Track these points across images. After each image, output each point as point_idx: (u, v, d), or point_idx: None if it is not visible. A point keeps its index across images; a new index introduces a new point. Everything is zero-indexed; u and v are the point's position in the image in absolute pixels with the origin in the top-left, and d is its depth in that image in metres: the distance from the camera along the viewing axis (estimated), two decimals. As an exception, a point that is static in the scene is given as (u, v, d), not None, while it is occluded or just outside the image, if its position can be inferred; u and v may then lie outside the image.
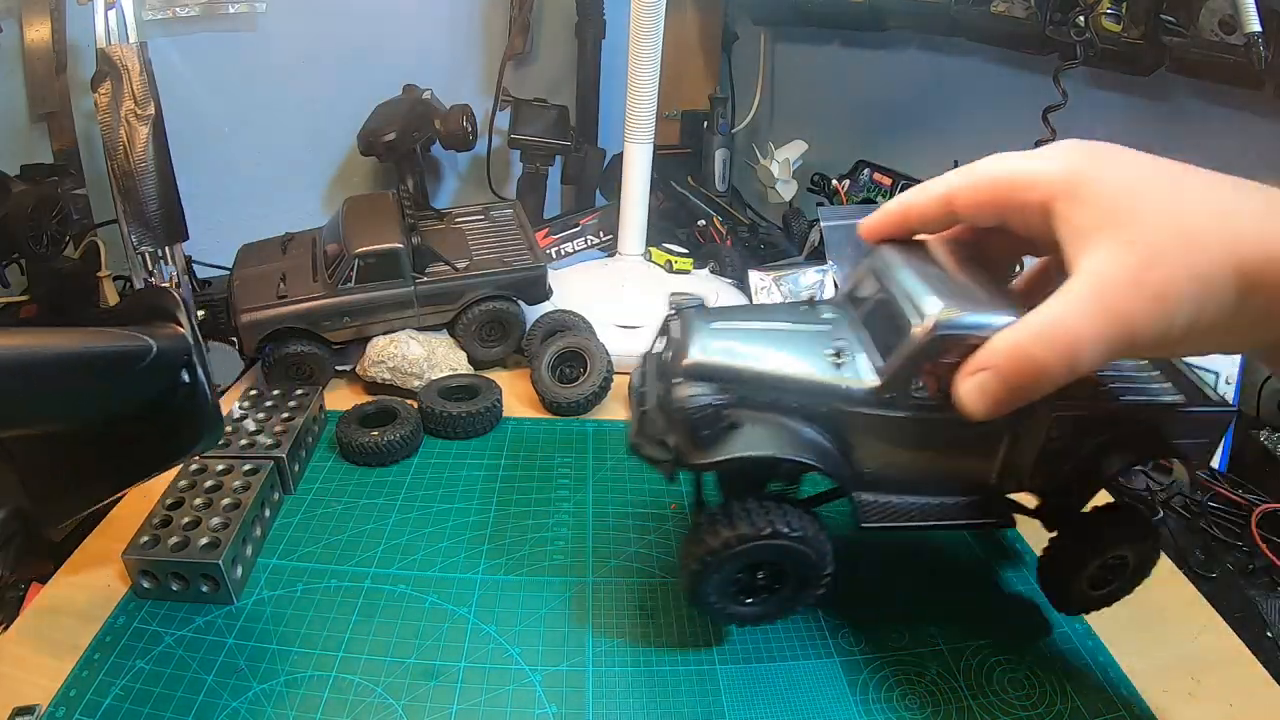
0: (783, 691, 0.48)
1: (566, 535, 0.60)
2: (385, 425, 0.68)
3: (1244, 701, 0.48)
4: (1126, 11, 0.75)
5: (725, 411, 0.42)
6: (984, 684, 0.49)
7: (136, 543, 0.53)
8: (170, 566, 0.52)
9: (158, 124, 0.74)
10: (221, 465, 0.60)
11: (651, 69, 0.86)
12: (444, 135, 1.05)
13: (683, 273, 0.96)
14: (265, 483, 0.59)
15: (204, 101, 0.99)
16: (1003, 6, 0.87)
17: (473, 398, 0.73)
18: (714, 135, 1.21)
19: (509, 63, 1.14)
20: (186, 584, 0.52)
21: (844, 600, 0.55)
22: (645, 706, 0.47)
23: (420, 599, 0.54)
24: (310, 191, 1.13)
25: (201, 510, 0.55)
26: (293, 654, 0.49)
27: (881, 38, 1.10)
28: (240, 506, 0.56)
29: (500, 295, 0.80)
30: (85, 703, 0.45)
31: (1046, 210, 0.37)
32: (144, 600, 0.53)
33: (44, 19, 0.87)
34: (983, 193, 0.40)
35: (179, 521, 0.54)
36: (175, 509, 0.56)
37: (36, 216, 0.83)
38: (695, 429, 0.42)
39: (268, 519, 0.60)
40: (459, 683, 0.48)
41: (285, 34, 1.02)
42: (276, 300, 0.74)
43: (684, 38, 1.31)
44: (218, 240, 1.02)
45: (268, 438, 0.64)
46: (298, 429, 0.65)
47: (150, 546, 0.52)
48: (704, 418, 0.42)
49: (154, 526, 0.54)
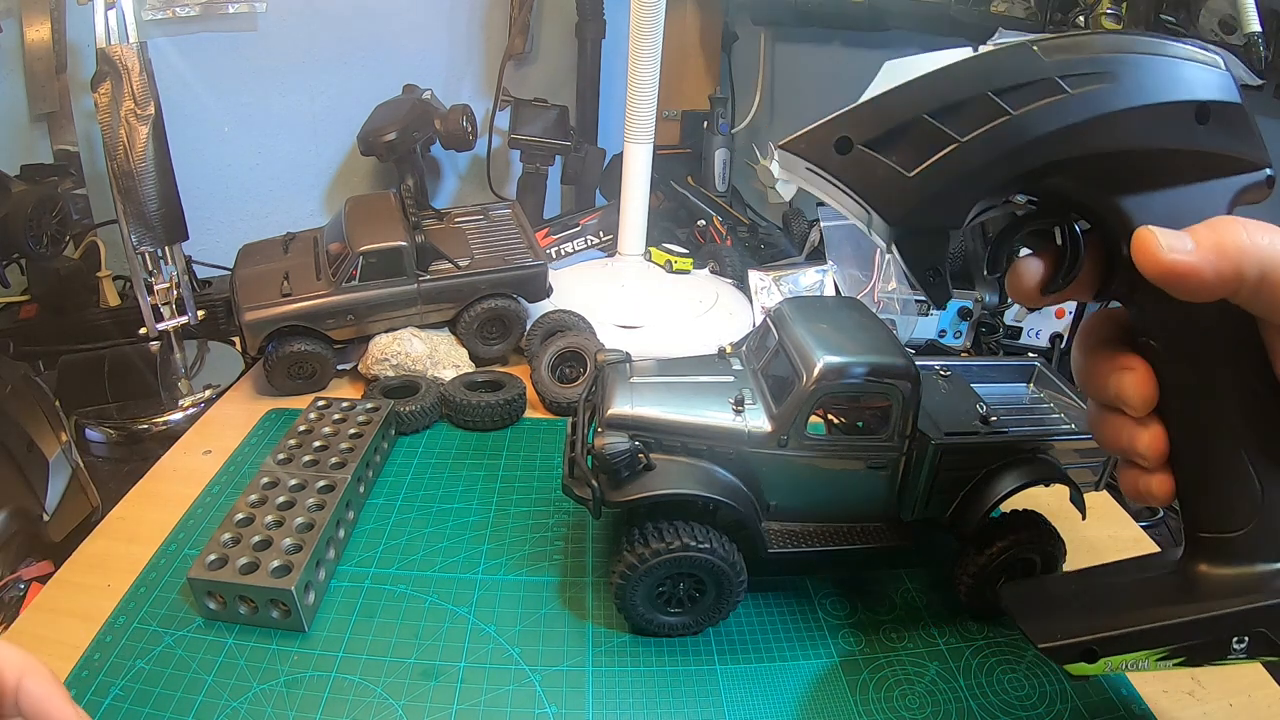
0: (783, 691, 0.48)
1: (566, 535, 0.60)
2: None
3: (1244, 701, 0.48)
4: (1126, 11, 0.75)
5: (641, 456, 0.48)
6: (984, 684, 0.49)
7: (203, 561, 0.50)
8: (238, 590, 0.49)
9: (158, 124, 0.74)
10: (294, 480, 0.58)
11: (651, 69, 0.86)
12: (444, 135, 1.05)
13: (683, 273, 0.96)
14: (341, 500, 0.56)
15: (204, 101, 0.99)
16: (1003, 6, 0.87)
17: (496, 390, 0.75)
18: (714, 135, 1.21)
19: (509, 63, 1.14)
20: (255, 609, 0.50)
21: (844, 600, 0.55)
22: (645, 706, 0.47)
23: (420, 599, 0.54)
24: (310, 191, 1.13)
25: (273, 529, 0.53)
26: (293, 654, 0.49)
27: (881, 38, 1.10)
28: (314, 527, 0.53)
29: (501, 293, 0.80)
30: (85, 703, 0.45)
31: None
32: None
33: (44, 19, 0.87)
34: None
35: (248, 541, 0.52)
36: (245, 526, 0.53)
37: (36, 216, 0.83)
38: (615, 472, 0.48)
39: (342, 540, 0.57)
40: (459, 683, 0.48)
41: (285, 34, 1.02)
42: (280, 299, 0.74)
43: (684, 38, 1.31)
44: (218, 240, 1.02)
45: (338, 455, 0.62)
46: (366, 445, 0.63)
47: (217, 566, 0.50)
48: (622, 462, 0.47)
49: (222, 545, 0.51)
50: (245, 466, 0.67)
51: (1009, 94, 0.34)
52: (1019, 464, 0.50)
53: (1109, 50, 0.34)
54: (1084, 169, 0.35)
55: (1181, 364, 0.36)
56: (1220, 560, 0.37)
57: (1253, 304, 0.33)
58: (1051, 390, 0.59)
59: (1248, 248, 0.32)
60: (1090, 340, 0.40)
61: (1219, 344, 0.35)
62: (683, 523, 0.49)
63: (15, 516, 0.60)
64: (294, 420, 0.67)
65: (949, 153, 0.34)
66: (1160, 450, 0.37)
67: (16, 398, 0.70)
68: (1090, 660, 0.38)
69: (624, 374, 0.54)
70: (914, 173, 0.35)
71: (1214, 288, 0.32)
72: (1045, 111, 0.34)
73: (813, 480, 0.51)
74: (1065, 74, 0.34)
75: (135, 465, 0.70)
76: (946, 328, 0.88)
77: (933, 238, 0.37)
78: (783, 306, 0.54)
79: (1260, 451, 0.35)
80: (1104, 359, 0.38)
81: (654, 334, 0.85)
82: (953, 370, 0.58)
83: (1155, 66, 0.34)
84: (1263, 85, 0.68)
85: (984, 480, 0.50)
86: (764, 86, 1.31)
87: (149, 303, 0.79)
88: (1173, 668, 0.37)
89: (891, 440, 0.50)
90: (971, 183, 0.35)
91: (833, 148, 0.35)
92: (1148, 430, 0.37)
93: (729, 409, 0.50)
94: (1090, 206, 0.36)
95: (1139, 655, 0.37)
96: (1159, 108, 0.34)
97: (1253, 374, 0.35)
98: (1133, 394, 0.37)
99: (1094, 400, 0.40)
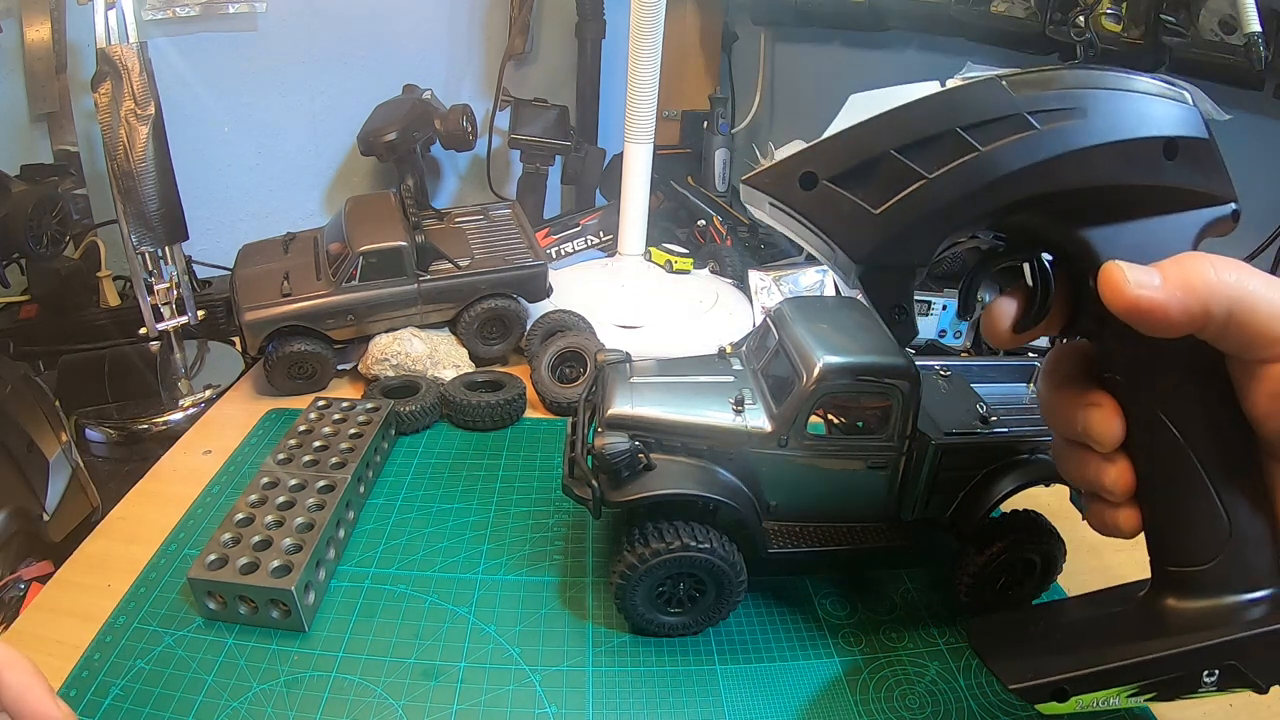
0: (783, 691, 0.48)
1: (566, 535, 0.60)
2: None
3: (1244, 701, 0.48)
4: (1126, 11, 0.75)
5: (641, 456, 0.48)
6: (984, 684, 0.49)
7: (203, 561, 0.50)
8: (238, 590, 0.49)
9: (158, 124, 0.74)
10: (295, 480, 0.58)
11: (651, 69, 0.86)
12: (444, 135, 1.05)
13: (683, 273, 0.96)
14: (341, 500, 0.56)
15: (204, 101, 0.99)
16: (1003, 6, 0.87)
17: (496, 390, 0.74)
18: (714, 135, 1.21)
19: (509, 63, 1.14)
20: (255, 609, 0.50)
21: (844, 600, 0.55)
22: (645, 706, 0.47)
23: (420, 599, 0.54)
24: (310, 191, 1.13)
25: (273, 529, 0.53)
26: (293, 654, 0.49)
27: (881, 38, 1.10)
28: (314, 527, 0.53)
29: (501, 293, 0.80)
30: (85, 703, 0.45)
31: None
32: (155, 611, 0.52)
33: (44, 19, 0.87)
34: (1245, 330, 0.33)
35: (248, 541, 0.52)
36: (245, 526, 0.53)
37: (36, 216, 0.83)
38: (615, 472, 0.48)
39: (342, 540, 0.57)
40: (459, 683, 0.48)
41: (285, 34, 1.02)
42: (281, 298, 0.75)
43: (684, 38, 1.31)
44: (218, 240, 1.02)
45: (338, 455, 0.62)
46: (366, 445, 0.63)
47: (217, 566, 0.50)
48: (622, 462, 0.47)
49: (222, 545, 0.51)
50: (245, 466, 0.67)
51: (977, 129, 0.34)
52: (1019, 464, 0.50)
53: (1078, 86, 0.34)
54: (1051, 205, 0.35)
55: (1148, 399, 0.36)
56: (1188, 594, 0.37)
57: (1220, 340, 0.33)
58: None
59: (1215, 284, 0.32)
60: (1055, 376, 0.39)
61: (1186, 380, 0.35)
62: (682, 523, 0.49)
63: (15, 516, 0.60)
64: (294, 420, 0.67)
65: (916, 189, 0.34)
66: (1127, 485, 0.37)
67: (16, 398, 0.70)
68: (1061, 699, 0.38)
69: (624, 374, 0.54)
70: (880, 209, 0.34)
71: (1181, 324, 0.32)
72: (1014, 148, 0.33)
73: (813, 480, 0.51)
74: (1034, 109, 0.33)
75: (135, 465, 0.70)
76: (946, 328, 0.88)
77: (899, 275, 0.37)
78: (783, 307, 0.55)
79: (1227, 485, 0.35)
80: (1070, 395, 0.38)
81: (654, 334, 0.85)
82: (953, 370, 0.58)
83: (1124, 102, 0.34)
84: (1231, 118, 0.69)
85: (984, 480, 0.50)
86: (764, 86, 1.31)
87: (149, 303, 0.79)
88: (1144, 703, 0.37)
89: (891, 440, 0.49)
90: (939, 220, 0.35)
91: (797, 183, 0.35)
92: (1114, 465, 0.37)
93: (729, 409, 0.50)
94: (1056, 241, 0.36)
95: (1111, 692, 0.37)
96: (1128, 144, 0.34)
97: (1220, 408, 0.35)
98: (1100, 430, 0.37)
99: (1059, 435, 0.40)
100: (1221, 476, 0.35)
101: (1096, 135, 0.34)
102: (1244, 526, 0.35)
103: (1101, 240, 0.35)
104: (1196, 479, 0.36)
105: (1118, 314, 0.33)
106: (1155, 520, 0.37)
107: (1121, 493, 0.37)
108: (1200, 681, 0.36)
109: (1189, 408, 0.36)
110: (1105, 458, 0.37)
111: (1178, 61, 0.74)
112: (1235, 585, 0.36)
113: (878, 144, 0.34)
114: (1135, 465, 0.37)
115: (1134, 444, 0.37)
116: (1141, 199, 0.35)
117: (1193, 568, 0.36)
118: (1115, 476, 0.37)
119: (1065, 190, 0.34)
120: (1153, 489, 0.37)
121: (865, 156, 0.34)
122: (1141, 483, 0.37)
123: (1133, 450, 0.37)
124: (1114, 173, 0.34)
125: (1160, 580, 0.38)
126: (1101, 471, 0.38)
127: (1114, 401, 0.37)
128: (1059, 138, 0.34)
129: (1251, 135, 0.73)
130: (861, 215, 0.35)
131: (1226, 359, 0.34)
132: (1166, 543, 0.38)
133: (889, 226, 0.35)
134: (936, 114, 0.34)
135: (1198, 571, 0.36)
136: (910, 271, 0.37)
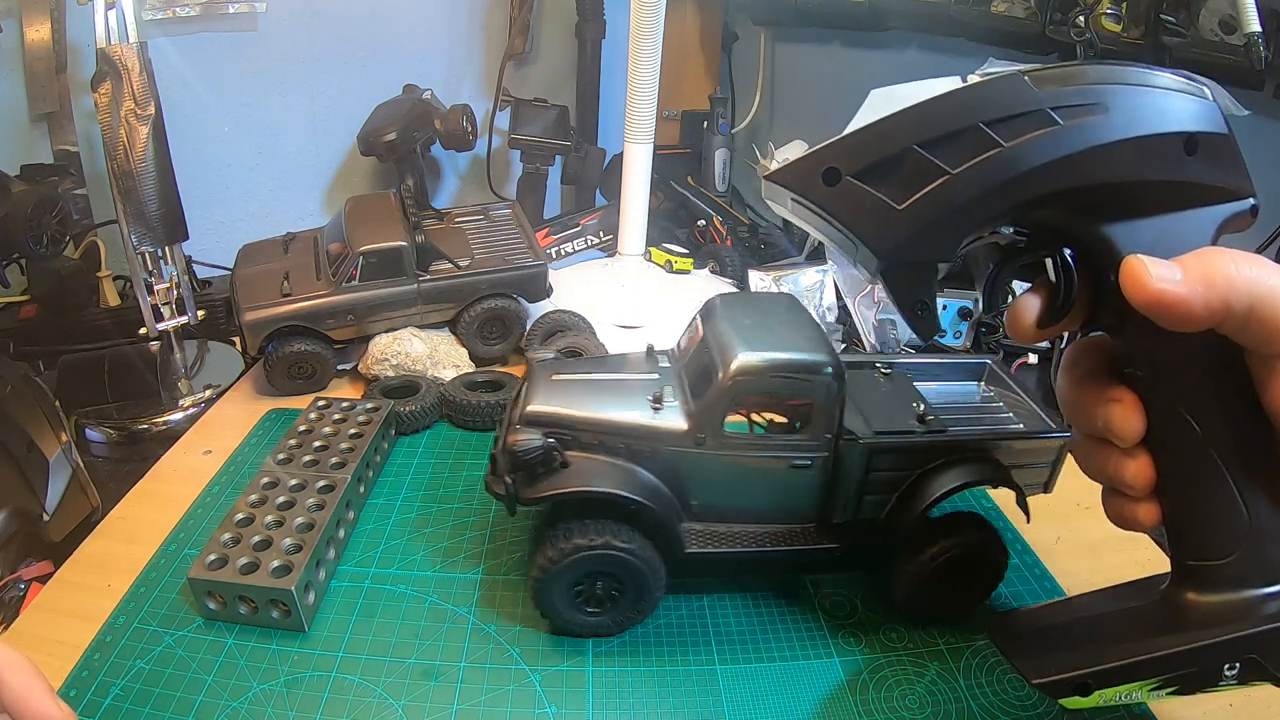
0: (783, 691, 0.48)
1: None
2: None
3: (1244, 701, 0.48)
4: (1126, 11, 0.75)
5: (555, 454, 0.47)
6: (984, 684, 0.49)
7: (203, 561, 0.50)
8: (238, 590, 0.49)
9: (158, 124, 0.74)
10: (295, 480, 0.58)
11: (651, 69, 0.86)
12: (444, 135, 1.05)
13: (683, 273, 0.96)
14: (341, 500, 0.56)
15: (204, 101, 0.99)
16: (1003, 6, 0.87)
17: (496, 390, 0.75)
18: (714, 135, 1.21)
19: (509, 63, 1.14)
20: (255, 609, 0.50)
21: (844, 600, 0.55)
22: (645, 706, 0.47)
23: (420, 599, 0.54)
24: (310, 191, 1.13)
25: (273, 529, 0.53)
26: (293, 654, 0.49)
27: (881, 38, 1.10)
28: (314, 527, 0.53)
29: (501, 293, 0.80)
30: (85, 703, 0.45)
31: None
32: (143, 610, 0.52)
33: (44, 19, 0.87)
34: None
35: (248, 541, 0.52)
36: (245, 526, 0.53)
37: (36, 216, 0.83)
38: (529, 469, 0.48)
39: (342, 540, 0.57)
40: (459, 683, 0.48)
41: (285, 34, 1.02)
42: (281, 298, 0.75)
43: (684, 38, 1.31)
44: (218, 240, 1.02)
45: (338, 455, 0.62)
46: (366, 445, 0.63)
47: (217, 566, 0.50)
48: (535, 459, 0.47)
49: (222, 545, 0.51)
50: (245, 466, 0.67)
51: (1000, 125, 0.33)
52: (957, 464, 0.49)
53: (1100, 81, 0.34)
54: (1072, 200, 0.35)
55: (1169, 394, 0.36)
56: (1208, 588, 0.37)
57: (1240, 335, 0.33)
58: (1002, 389, 0.57)
59: (1236, 279, 0.32)
60: (1076, 371, 0.40)
61: (1206, 375, 0.35)
62: (597, 521, 0.48)
63: (15, 516, 0.60)
64: (294, 420, 0.67)
65: (940, 185, 0.34)
66: (1148, 480, 0.37)
67: (16, 398, 0.70)
68: (1084, 694, 0.38)
69: (547, 371, 0.54)
70: (904, 205, 0.34)
71: (1202, 318, 0.32)
72: (1037, 143, 0.33)
73: (735, 480, 0.50)
74: (1057, 105, 0.33)
75: (135, 465, 0.70)
76: (946, 328, 0.88)
77: (921, 271, 0.37)
78: (713, 302, 0.53)
79: (1247, 480, 0.35)
80: (1091, 390, 0.38)
81: (654, 334, 0.85)
82: (895, 368, 0.57)
83: (1146, 98, 0.34)
84: (1249, 113, 0.68)
85: (919, 480, 0.49)
86: (764, 86, 1.31)
87: (149, 303, 0.79)
88: (1166, 697, 0.37)
89: (814, 439, 0.48)
90: (962, 215, 0.35)
91: (820, 179, 0.35)
92: (1135, 460, 0.37)
93: (647, 406, 0.49)
94: (1077, 236, 0.36)
95: (1133, 686, 0.37)
96: (1150, 139, 0.34)
97: (1239, 403, 0.35)
98: (1121, 425, 0.37)
99: (1079, 430, 0.40)
100: (1241, 471, 0.35)
101: (1118, 131, 0.34)
102: (1264, 521, 0.35)
103: (1122, 235, 0.35)
104: (1216, 473, 0.36)
105: (1139, 308, 0.33)
106: (1175, 514, 0.37)
107: (1142, 487, 0.37)
108: (1221, 675, 0.36)
109: (1209, 402, 0.36)
110: (1126, 453, 0.38)
111: (1177, 61, 0.74)
112: (1255, 579, 0.36)
113: (901, 139, 0.34)
114: (1155, 460, 0.37)
115: (1154, 438, 0.37)
116: (1162, 194, 0.35)
117: (1212, 562, 0.37)
118: (1136, 471, 0.37)
119: (1087, 186, 0.34)
120: (1172, 483, 0.37)
121: (888, 152, 0.34)
122: (1161, 477, 0.37)
123: (1153, 445, 0.37)
124: (1135, 168, 0.34)
125: (1180, 574, 0.38)
126: (1122, 466, 0.38)
127: (1134, 397, 0.37)
128: (1081, 133, 0.33)
129: (1252, 135, 0.73)
130: (885, 211, 0.35)
131: (1246, 354, 0.34)
132: (1186, 537, 0.38)
133: (912, 222, 0.35)
134: (959, 109, 0.34)
135: (1217, 565, 0.36)
136: (933, 267, 0.36)
